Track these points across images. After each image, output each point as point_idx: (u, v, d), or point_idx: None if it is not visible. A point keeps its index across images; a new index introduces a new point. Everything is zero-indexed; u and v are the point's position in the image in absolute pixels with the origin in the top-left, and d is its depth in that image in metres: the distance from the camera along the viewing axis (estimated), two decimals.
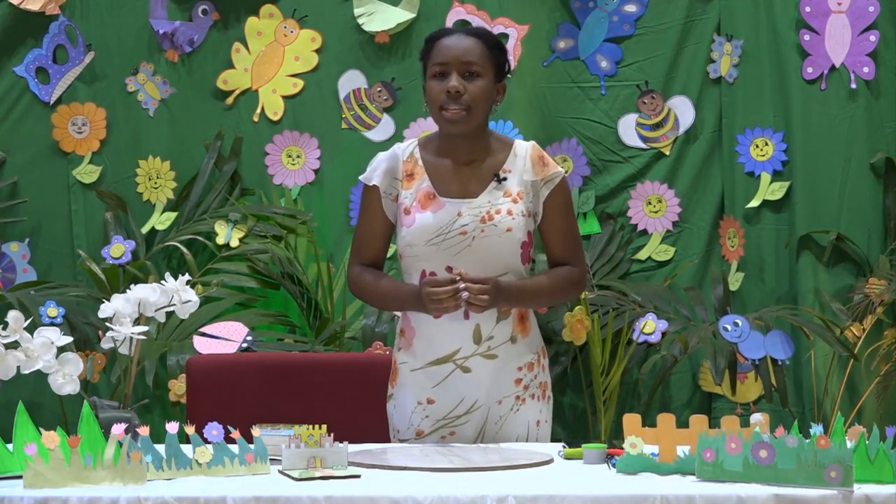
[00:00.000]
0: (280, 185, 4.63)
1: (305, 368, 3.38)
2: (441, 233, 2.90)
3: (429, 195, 2.93)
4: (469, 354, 2.91)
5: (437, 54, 2.92)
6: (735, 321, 4.22)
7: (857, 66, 4.49)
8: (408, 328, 2.97)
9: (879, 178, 4.50)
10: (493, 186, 2.93)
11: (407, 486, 2.20)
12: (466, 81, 2.89)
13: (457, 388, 2.92)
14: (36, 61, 4.60)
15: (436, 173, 2.95)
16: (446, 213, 2.90)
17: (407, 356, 2.97)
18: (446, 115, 2.89)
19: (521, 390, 2.96)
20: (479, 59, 2.90)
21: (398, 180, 2.97)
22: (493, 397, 2.93)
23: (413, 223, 2.92)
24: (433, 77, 2.91)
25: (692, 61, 4.62)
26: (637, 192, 4.62)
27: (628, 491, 2.20)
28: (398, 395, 2.99)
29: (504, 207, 2.91)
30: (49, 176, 4.62)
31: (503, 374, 2.93)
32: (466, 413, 2.93)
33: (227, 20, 4.65)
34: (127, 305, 2.71)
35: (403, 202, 2.95)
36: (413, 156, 2.98)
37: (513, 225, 2.90)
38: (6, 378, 2.63)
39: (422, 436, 2.94)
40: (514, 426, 2.95)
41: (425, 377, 2.94)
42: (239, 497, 2.14)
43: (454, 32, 2.96)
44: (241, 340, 4.13)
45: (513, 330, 2.93)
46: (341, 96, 4.64)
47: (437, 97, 2.90)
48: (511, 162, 2.96)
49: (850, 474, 2.20)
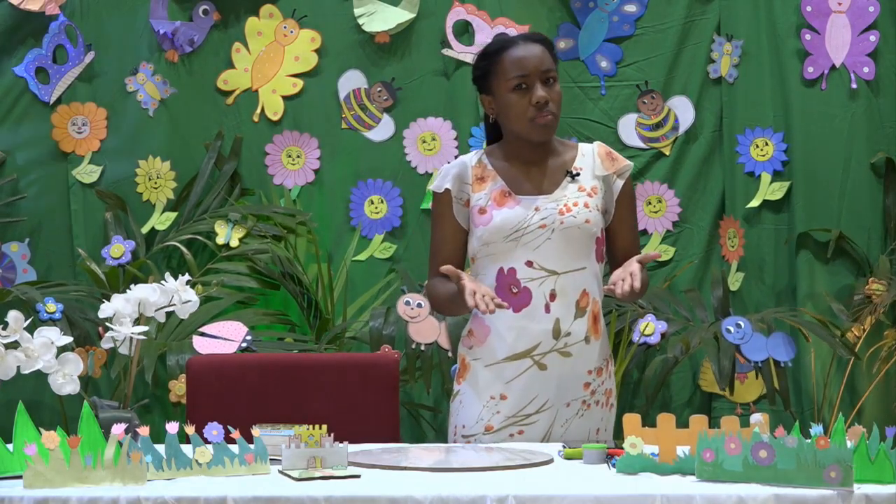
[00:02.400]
0: (280, 185, 4.63)
1: (305, 368, 3.38)
2: (519, 227, 2.92)
3: (504, 193, 2.96)
4: (547, 350, 2.92)
5: (513, 66, 2.93)
6: (738, 322, 4.22)
7: (857, 66, 4.49)
8: (480, 326, 2.97)
9: (879, 178, 4.50)
10: (568, 181, 2.97)
11: (407, 486, 2.20)
12: (547, 88, 2.94)
13: (531, 385, 2.93)
14: (36, 61, 4.60)
15: (508, 174, 2.98)
16: (524, 209, 2.93)
17: (480, 353, 2.98)
18: (540, 123, 2.92)
19: (589, 395, 2.98)
20: (552, 65, 2.97)
21: (468, 185, 2.99)
22: (562, 399, 2.95)
23: (490, 220, 2.94)
24: (512, 91, 2.93)
25: (692, 61, 4.62)
26: (637, 192, 4.62)
27: (628, 491, 2.20)
28: (467, 390, 2.99)
29: (581, 200, 2.95)
30: (49, 176, 4.62)
31: (575, 375, 2.95)
32: (536, 412, 2.94)
33: (227, 20, 4.65)
34: (127, 305, 2.71)
35: (477, 203, 2.97)
36: (482, 161, 3.01)
37: (590, 217, 2.94)
38: (6, 378, 2.63)
39: (491, 430, 2.94)
40: (578, 431, 2.97)
41: (500, 372, 2.94)
42: (239, 497, 2.14)
43: (517, 42, 2.98)
44: (241, 340, 4.13)
45: (587, 329, 2.95)
46: (341, 96, 4.64)
47: (524, 109, 2.92)
48: (580, 160, 3.01)
49: (850, 474, 2.20)
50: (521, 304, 2.92)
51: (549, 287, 2.91)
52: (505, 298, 2.89)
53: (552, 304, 2.91)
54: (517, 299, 2.92)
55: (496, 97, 2.97)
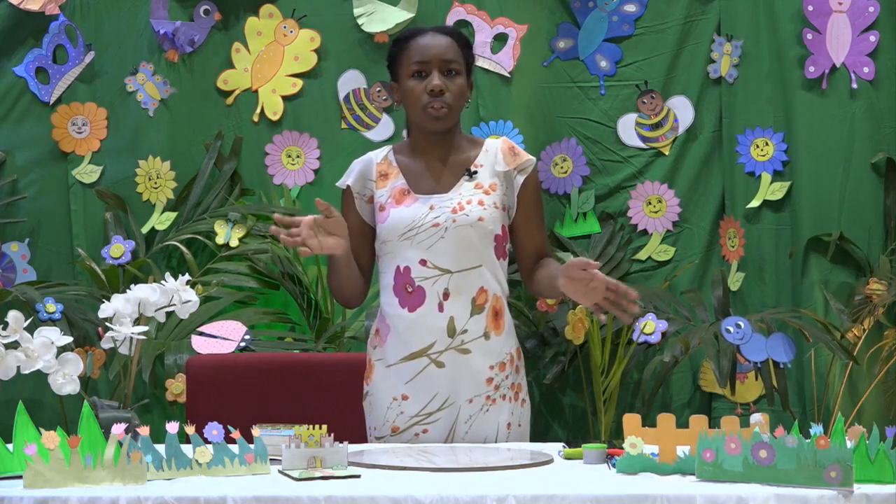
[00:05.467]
0: (280, 185, 4.63)
1: (305, 368, 3.39)
2: (414, 226, 2.94)
3: (403, 191, 2.99)
4: (443, 348, 2.93)
5: (416, 53, 2.97)
6: (737, 323, 4.21)
7: (857, 65, 4.48)
8: (382, 326, 3.00)
9: (880, 178, 4.49)
10: (465, 180, 2.98)
11: (407, 486, 2.20)
12: (446, 79, 2.95)
13: (430, 383, 2.94)
14: (36, 61, 4.59)
15: (410, 171, 3.02)
16: (419, 207, 2.96)
17: (381, 353, 3.00)
18: (431, 112, 2.94)
19: (492, 390, 2.97)
20: (457, 58, 2.98)
21: (372, 181, 3.03)
22: (464, 395, 2.95)
23: (387, 218, 2.97)
24: (411, 76, 2.96)
25: (692, 61, 4.62)
26: (637, 192, 4.62)
27: (628, 491, 2.20)
28: (373, 392, 3.02)
29: (475, 198, 2.97)
30: (49, 176, 4.62)
31: (475, 371, 2.95)
32: (439, 410, 2.95)
33: (228, 20, 4.65)
34: (127, 305, 2.71)
35: (379, 201, 3.02)
36: (387, 158, 3.06)
37: (484, 215, 2.95)
38: (6, 378, 2.63)
39: (397, 432, 2.96)
40: (484, 427, 2.96)
41: (399, 373, 2.96)
42: (239, 497, 2.14)
43: (426, 32, 3.01)
44: (240, 339, 4.13)
45: (486, 325, 2.95)
46: (341, 96, 4.64)
47: (419, 96, 2.95)
48: (482, 157, 3.02)
49: (850, 474, 2.20)
50: (415, 304, 2.94)
51: (443, 286, 2.92)
52: (401, 297, 2.94)
53: (446, 302, 2.92)
54: (412, 298, 2.94)
55: (400, 84, 3.01)
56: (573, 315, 4.27)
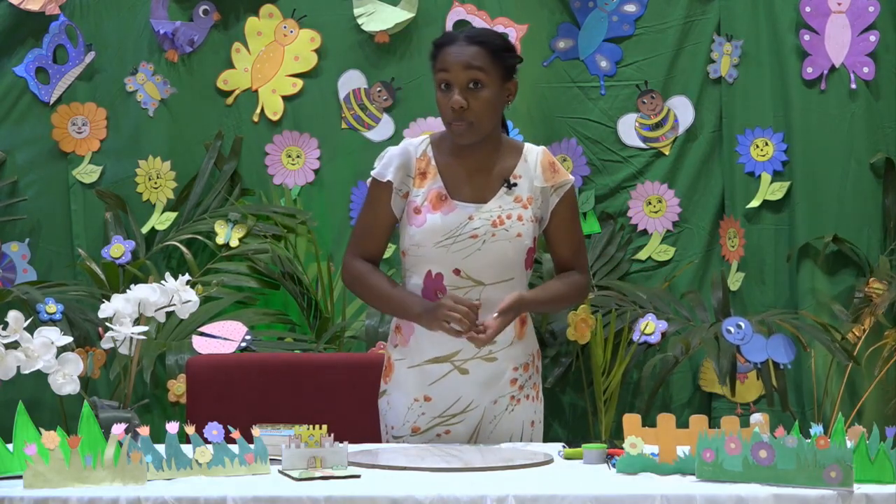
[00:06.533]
0: (280, 184, 4.63)
1: (305, 368, 3.38)
2: (451, 235, 2.89)
3: (441, 196, 2.92)
4: (469, 357, 2.91)
5: (441, 62, 2.89)
6: (738, 323, 4.21)
7: (856, 66, 4.49)
8: (405, 325, 2.96)
9: (879, 179, 4.50)
10: (504, 192, 2.93)
11: (407, 486, 2.20)
12: (470, 93, 2.86)
13: (453, 387, 2.92)
14: (36, 61, 4.59)
15: (448, 175, 2.94)
16: (457, 216, 2.90)
17: (403, 353, 2.97)
18: (454, 129, 2.89)
19: (517, 390, 2.96)
20: (483, 68, 2.87)
21: (411, 178, 2.95)
22: (488, 397, 2.94)
23: (423, 223, 2.91)
24: (439, 88, 2.90)
25: (692, 61, 4.62)
26: (637, 192, 4.62)
27: (628, 491, 2.20)
28: (393, 391, 2.99)
29: (515, 213, 2.92)
30: (49, 176, 4.62)
31: (500, 374, 2.94)
32: (462, 412, 2.93)
33: (227, 20, 4.65)
34: (127, 305, 2.70)
35: (414, 200, 2.93)
36: (426, 154, 2.96)
37: (522, 231, 2.91)
38: (6, 378, 2.63)
39: (418, 432, 2.94)
40: (509, 426, 2.95)
41: (422, 374, 2.94)
42: (239, 497, 2.15)
43: (456, 40, 2.91)
44: (240, 340, 4.13)
45: (514, 334, 2.94)
46: (341, 96, 4.64)
47: (445, 110, 2.89)
48: (521, 167, 2.96)
49: (850, 474, 2.20)
50: None
51: (475, 297, 2.88)
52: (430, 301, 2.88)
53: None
54: None
55: None
56: (574, 316, 4.27)
